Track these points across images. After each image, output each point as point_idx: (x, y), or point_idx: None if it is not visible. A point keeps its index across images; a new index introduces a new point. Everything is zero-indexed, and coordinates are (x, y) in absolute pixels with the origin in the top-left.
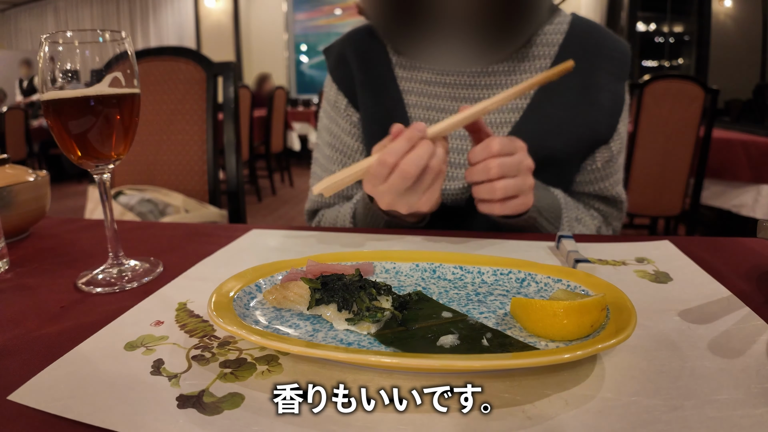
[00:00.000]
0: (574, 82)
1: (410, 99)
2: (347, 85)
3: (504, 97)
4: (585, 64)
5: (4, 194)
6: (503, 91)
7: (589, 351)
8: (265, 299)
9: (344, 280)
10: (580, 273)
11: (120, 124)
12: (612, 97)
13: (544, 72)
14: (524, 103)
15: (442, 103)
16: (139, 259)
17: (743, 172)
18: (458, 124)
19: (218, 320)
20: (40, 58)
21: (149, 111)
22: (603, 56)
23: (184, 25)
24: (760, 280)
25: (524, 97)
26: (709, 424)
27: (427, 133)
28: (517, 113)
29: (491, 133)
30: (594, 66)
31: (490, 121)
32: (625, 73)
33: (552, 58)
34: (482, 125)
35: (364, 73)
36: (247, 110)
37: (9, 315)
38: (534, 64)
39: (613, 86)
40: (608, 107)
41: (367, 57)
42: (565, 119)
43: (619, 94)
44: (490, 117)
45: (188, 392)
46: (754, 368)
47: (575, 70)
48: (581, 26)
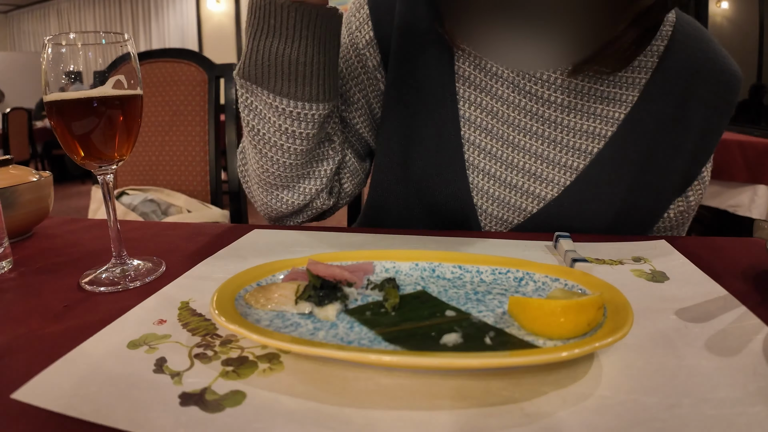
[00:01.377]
0: (664, 114)
1: (460, 67)
2: (383, 22)
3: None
4: (681, 87)
5: (8, 194)
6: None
7: (586, 349)
8: (247, 302)
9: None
10: (578, 272)
11: (123, 126)
12: (702, 138)
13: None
14: (596, 147)
15: (503, 91)
16: (142, 259)
17: (740, 172)
18: None
19: (220, 319)
20: (43, 60)
21: (152, 112)
22: (705, 81)
23: (186, 28)
24: (757, 279)
25: (599, 138)
26: (705, 422)
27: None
28: (585, 158)
29: None
30: (691, 92)
31: (552, 159)
32: (727, 110)
33: (649, 72)
34: None
35: (409, 18)
36: None
37: (13, 314)
38: (626, 79)
39: (706, 124)
40: (693, 150)
41: (416, 2)
42: (641, 167)
43: (713, 133)
44: (552, 152)
45: (190, 390)
46: (750, 367)
47: (668, 95)
48: (686, 32)
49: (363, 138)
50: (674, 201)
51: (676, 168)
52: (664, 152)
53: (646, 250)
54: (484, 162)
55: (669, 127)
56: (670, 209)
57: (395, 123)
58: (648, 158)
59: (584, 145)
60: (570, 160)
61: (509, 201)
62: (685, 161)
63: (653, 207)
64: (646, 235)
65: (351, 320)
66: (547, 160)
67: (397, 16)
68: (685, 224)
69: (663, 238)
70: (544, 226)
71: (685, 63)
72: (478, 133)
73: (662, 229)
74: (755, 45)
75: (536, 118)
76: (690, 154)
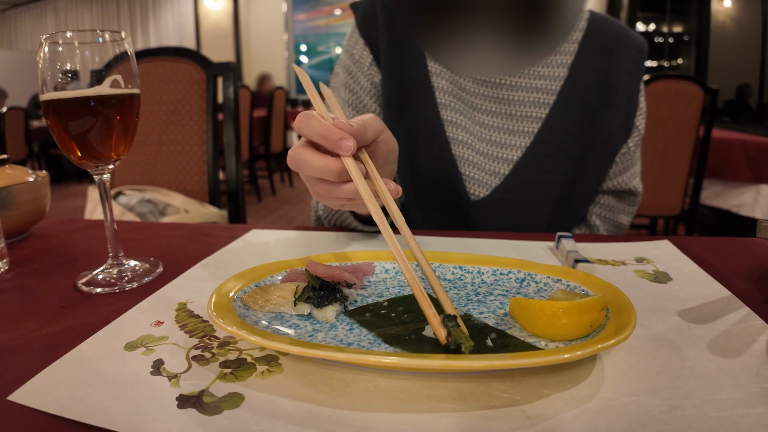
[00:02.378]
0: (592, 83)
1: (434, 66)
2: (374, 41)
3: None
4: (601, 63)
5: (4, 194)
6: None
7: (588, 351)
8: (245, 303)
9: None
10: (580, 273)
11: (120, 125)
12: (627, 98)
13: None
14: (543, 113)
15: (465, 83)
16: (139, 260)
17: (742, 172)
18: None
19: (218, 320)
20: (40, 59)
21: (149, 111)
22: (620, 55)
23: (184, 26)
24: (760, 279)
25: (543, 106)
26: (708, 424)
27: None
28: (536, 123)
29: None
30: (610, 65)
31: (511, 129)
32: (641, 71)
33: (572, 55)
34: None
35: (391, 31)
36: (247, 110)
37: (9, 315)
38: (554, 60)
39: (628, 86)
40: (623, 108)
41: (395, 16)
42: (584, 124)
43: (634, 93)
44: (510, 124)
45: (188, 392)
46: (753, 368)
47: (592, 70)
48: (598, 23)
49: None
50: (619, 151)
51: (614, 122)
52: (600, 111)
53: (648, 250)
54: (461, 135)
55: (597, 92)
56: (617, 157)
57: (390, 118)
58: (588, 117)
59: (533, 113)
60: (524, 126)
61: (484, 166)
62: (619, 117)
63: (603, 154)
64: (648, 235)
65: (350, 322)
66: (506, 130)
67: (381, 31)
68: (630, 169)
69: (666, 239)
70: (519, 187)
71: (600, 44)
72: (453, 114)
73: (616, 174)
74: (758, 44)
75: (491, 99)
76: (621, 110)
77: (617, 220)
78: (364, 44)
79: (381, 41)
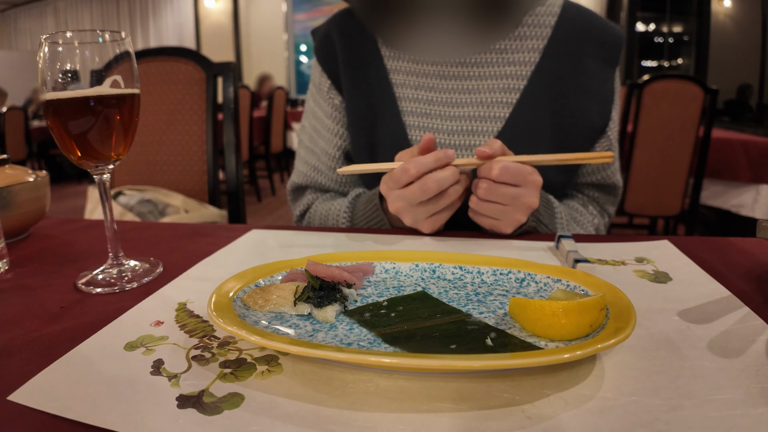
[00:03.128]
0: (565, 68)
1: (397, 78)
2: (331, 66)
3: (545, 159)
4: (575, 48)
5: (4, 194)
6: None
7: (588, 351)
8: (245, 303)
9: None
10: (580, 273)
11: (120, 125)
12: (602, 84)
13: (582, 153)
14: (514, 98)
15: (432, 82)
16: (139, 260)
17: (742, 172)
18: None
19: (218, 320)
20: (39, 59)
21: (149, 111)
22: (594, 41)
23: (184, 26)
24: (760, 279)
25: (514, 91)
26: (708, 424)
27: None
28: (507, 108)
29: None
30: (584, 51)
31: (482, 116)
32: (615, 59)
33: (545, 39)
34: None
35: (349, 54)
36: (246, 110)
37: (9, 315)
38: (526, 44)
39: (603, 73)
40: (598, 94)
41: (352, 37)
42: (558, 109)
43: (609, 80)
44: (481, 111)
45: (188, 392)
46: (753, 368)
47: (565, 55)
48: (573, 10)
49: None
50: (598, 139)
51: (590, 108)
52: (574, 96)
53: (648, 250)
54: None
55: (572, 77)
56: (596, 149)
57: (355, 136)
58: (562, 102)
59: (504, 98)
60: (495, 112)
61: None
62: (595, 102)
63: (581, 140)
64: (648, 235)
65: (350, 321)
66: (477, 117)
67: (340, 56)
68: (613, 164)
69: (666, 239)
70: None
71: (574, 30)
72: (418, 118)
73: (596, 170)
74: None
75: (460, 90)
76: (597, 96)
77: (604, 208)
78: (322, 71)
79: (340, 65)
